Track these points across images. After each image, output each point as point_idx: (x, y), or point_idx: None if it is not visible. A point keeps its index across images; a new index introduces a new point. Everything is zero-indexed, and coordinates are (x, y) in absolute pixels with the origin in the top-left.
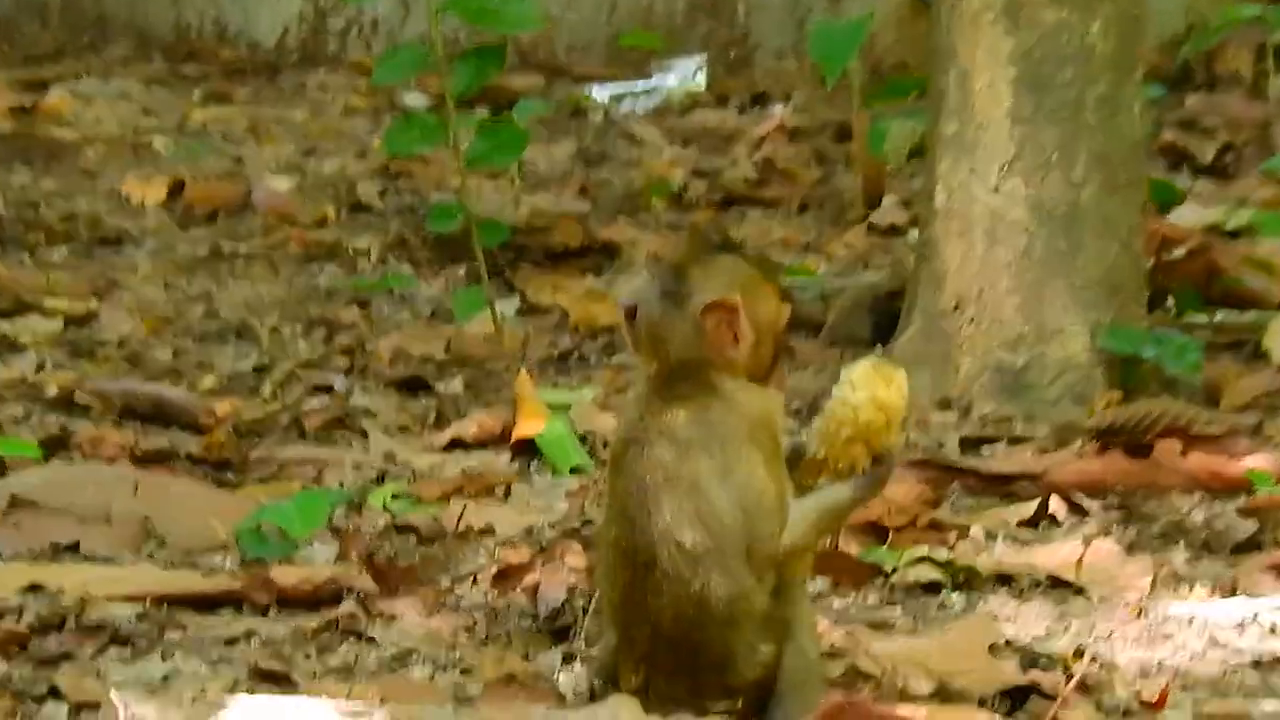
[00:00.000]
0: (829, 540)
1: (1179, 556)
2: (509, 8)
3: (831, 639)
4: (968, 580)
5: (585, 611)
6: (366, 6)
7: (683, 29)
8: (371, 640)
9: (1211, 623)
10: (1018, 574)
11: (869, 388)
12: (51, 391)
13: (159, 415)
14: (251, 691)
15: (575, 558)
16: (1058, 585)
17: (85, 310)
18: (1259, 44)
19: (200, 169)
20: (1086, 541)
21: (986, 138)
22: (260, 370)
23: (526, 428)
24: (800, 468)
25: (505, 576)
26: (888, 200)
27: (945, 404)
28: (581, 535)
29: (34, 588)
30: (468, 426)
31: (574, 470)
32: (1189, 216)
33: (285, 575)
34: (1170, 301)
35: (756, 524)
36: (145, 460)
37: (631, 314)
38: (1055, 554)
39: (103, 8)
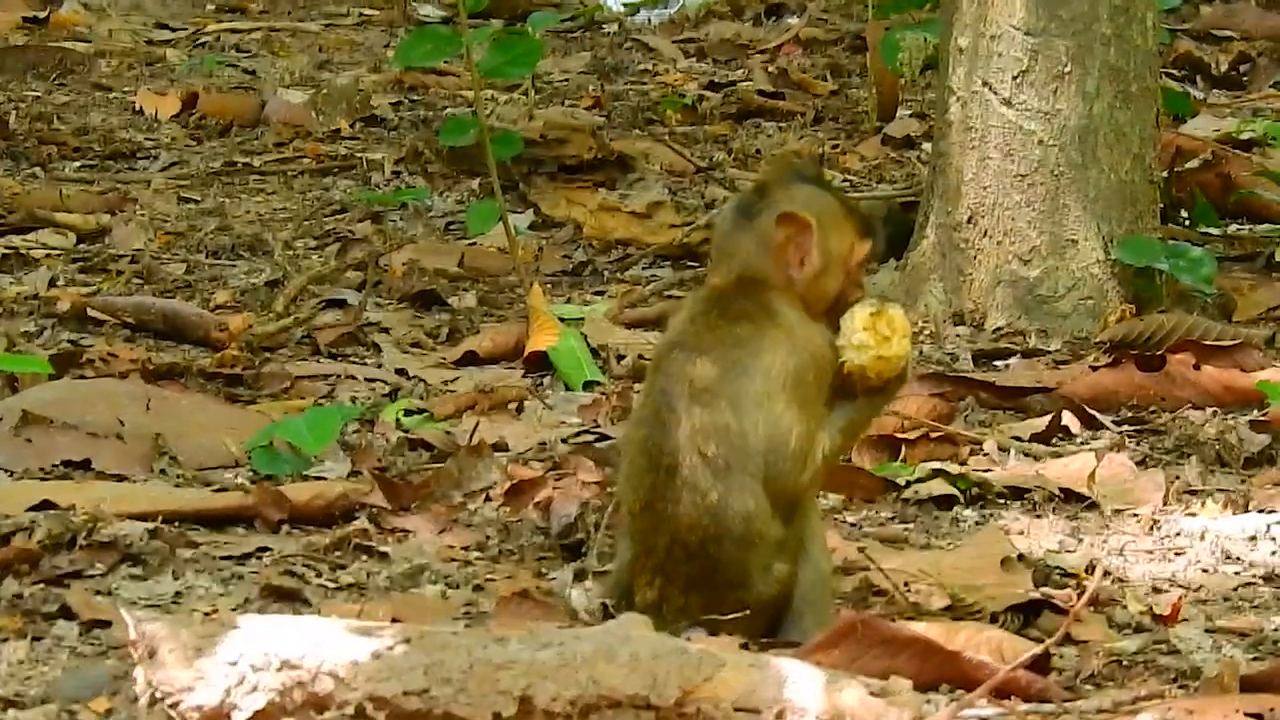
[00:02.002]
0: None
1: (1192, 471)
2: None
3: (844, 554)
4: (981, 494)
5: (598, 527)
6: None
7: None
8: (384, 557)
9: (1224, 537)
10: (1031, 488)
11: (870, 349)
12: (63, 307)
13: (171, 331)
14: (263, 609)
15: (588, 473)
16: (1071, 499)
17: (98, 225)
18: None
19: (214, 82)
20: (1099, 455)
21: (999, 50)
22: (273, 285)
23: (540, 342)
24: None
25: (518, 492)
26: (901, 112)
27: (959, 317)
28: (595, 450)
29: (45, 505)
30: (481, 341)
31: (587, 385)
32: (1203, 128)
33: (297, 492)
34: (1184, 214)
35: (779, 460)
36: (157, 376)
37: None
38: (1068, 468)
39: None
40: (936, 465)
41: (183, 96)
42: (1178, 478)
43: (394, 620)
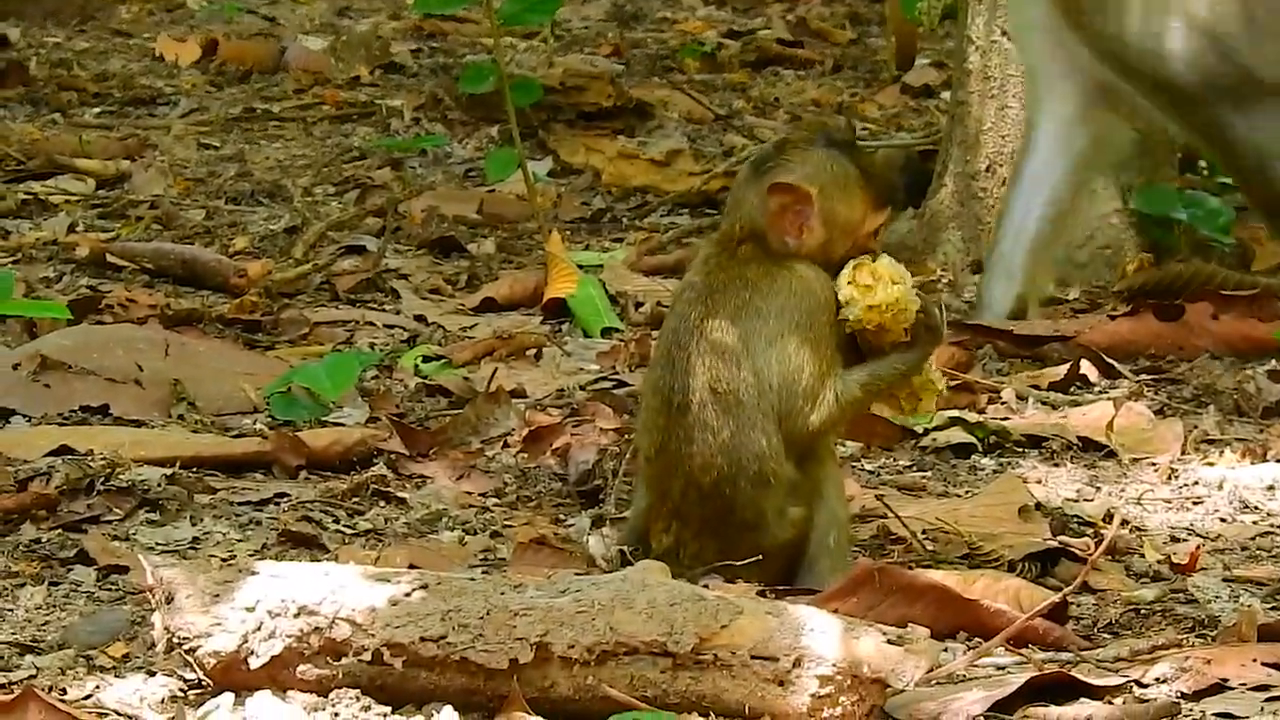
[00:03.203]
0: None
1: (1210, 420)
2: None
3: (862, 502)
4: (998, 443)
5: (615, 474)
6: None
7: None
8: (401, 503)
9: (1242, 486)
10: (1049, 436)
11: (858, 301)
12: (82, 253)
13: (190, 277)
14: (280, 556)
15: (606, 420)
16: (1089, 448)
17: (117, 171)
18: None
19: (233, 29)
20: (1117, 404)
21: None
22: (292, 231)
23: (558, 289)
24: None
25: (536, 439)
26: (920, 61)
27: (977, 266)
28: (613, 397)
29: (62, 450)
30: (499, 288)
31: (605, 332)
32: None
33: (315, 438)
34: (1201, 164)
35: (790, 398)
36: (176, 322)
37: None
38: (1086, 416)
39: None
40: (954, 413)
41: (202, 43)
42: (1196, 427)
43: (411, 566)
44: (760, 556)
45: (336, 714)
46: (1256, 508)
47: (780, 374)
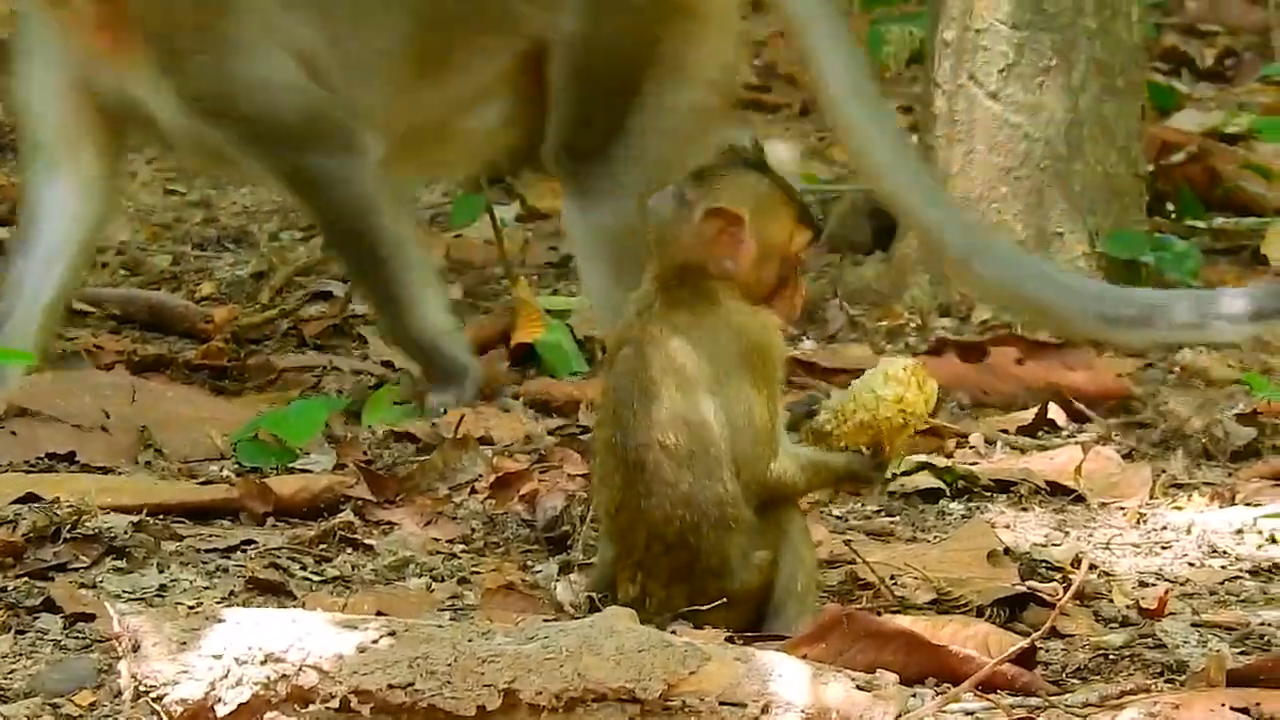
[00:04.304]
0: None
1: (1178, 464)
2: None
3: (830, 548)
4: (966, 487)
5: (583, 520)
6: None
7: None
8: (369, 549)
9: (1210, 531)
10: (1016, 481)
11: (899, 388)
12: None
13: (157, 322)
14: (248, 603)
15: (574, 466)
16: (1056, 492)
17: None
18: None
19: None
20: (1085, 448)
21: (984, 44)
22: (259, 277)
23: (526, 334)
24: (806, 431)
25: (503, 485)
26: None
27: (944, 309)
28: (580, 443)
29: (29, 498)
30: (467, 333)
31: (573, 376)
32: (1188, 121)
33: (283, 484)
34: (1170, 207)
35: (742, 441)
36: (143, 368)
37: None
38: (1054, 461)
39: None
40: (923, 458)
41: None
42: (1164, 471)
43: (379, 613)
44: (726, 601)
45: None
46: (1225, 552)
47: (729, 417)
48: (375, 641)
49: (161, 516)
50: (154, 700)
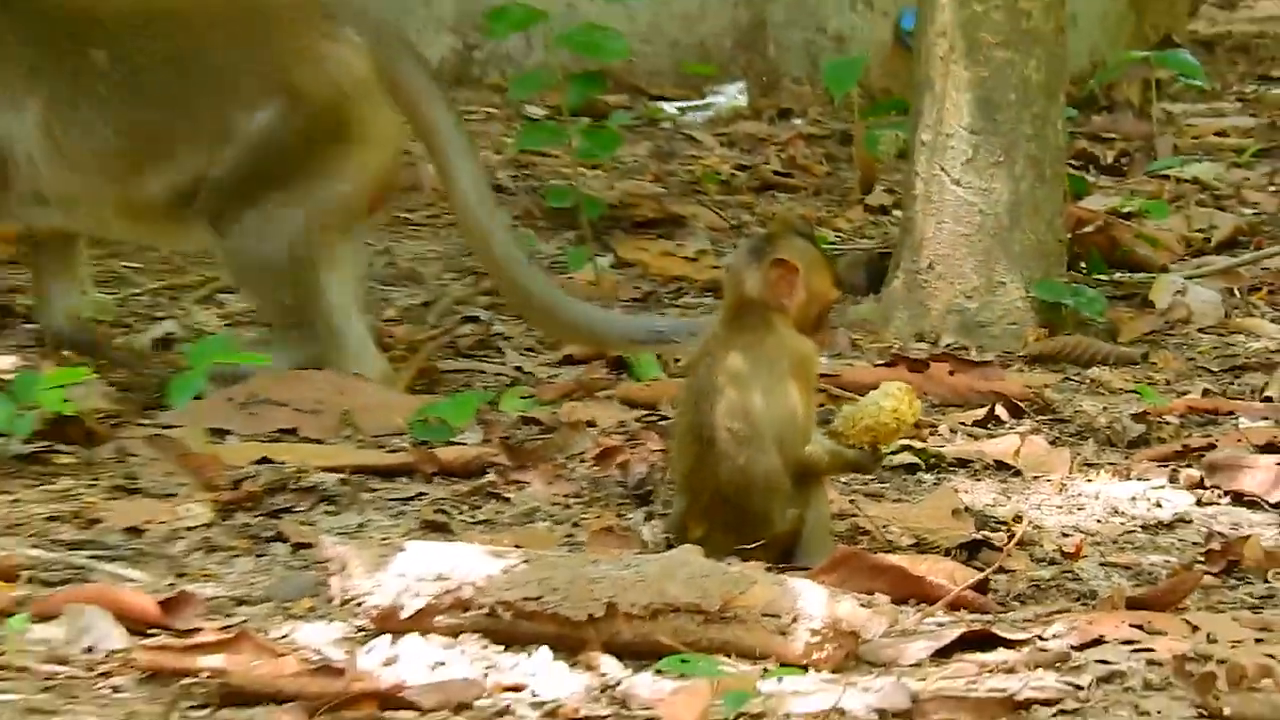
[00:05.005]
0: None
1: (1089, 449)
2: (605, 43)
3: (840, 505)
4: (936, 463)
5: (661, 482)
6: (501, 41)
7: (729, 62)
8: (507, 500)
9: (1113, 497)
10: (972, 459)
11: (895, 403)
12: None
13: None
14: (421, 538)
15: (654, 443)
16: (1001, 468)
17: None
18: (1144, 79)
19: None
20: (1022, 437)
21: (951, 144)
22: (426, 304)
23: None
24: (827, 431)
25: (604, 456)
26: (879, 188)
27: (920, 336)
28: (658, 426)
29: (264, 460)
30: (577, 347)
31: (652, 379)
32: (1096, 203)
33: (445, 453)
34: (1083, 264)
35: (785, 430)
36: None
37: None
38: (999, 445)
39: None
40: (905, 442)
41: None
42: (1079, 454)
43: (516, 546)
44: (765, 543)
45: (463, 651)
46: (1123, 513)
47: (777, 412)
48: (514, 566)
49: (359, 475)
50: (355, 606)
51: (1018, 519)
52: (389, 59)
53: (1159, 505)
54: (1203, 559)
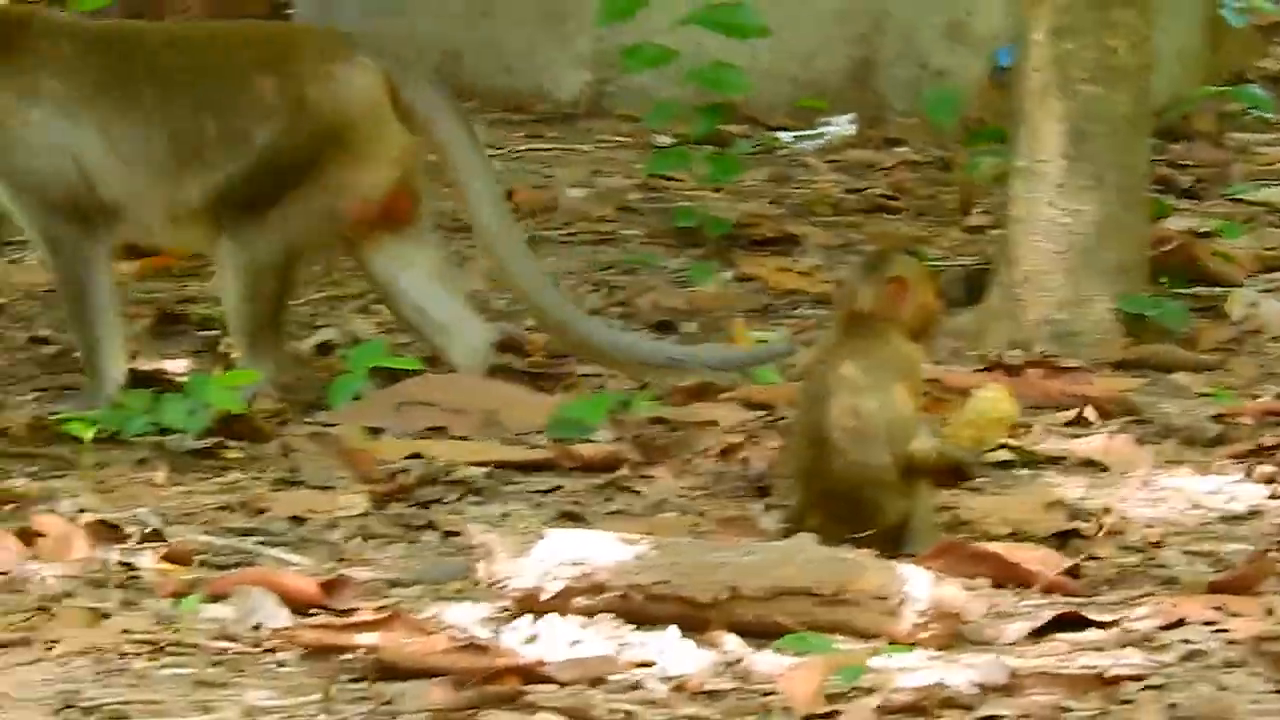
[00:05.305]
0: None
1: (1170, 448)
2: (730, 79)
3: (944, 499)
4: (1031, 460)
5: (780, 476)
6: (634, 74)
7: (841, 96)
8: (638, 493)
9: (1192, 491)
10: (1064, 457)
11: (995, 409)
12: None
13: (500, 344)
14: (560, 527)
15: (773, 441)
16: (1090, 465)
17: None
18: (1219, 111)
19: (524, 182)
20: (1110, 436)
21: (1046, 170)
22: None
23: None
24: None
25: (727, 452)
26: (976, 211)
27: (1014, 345)
28: (776, 426)
29: (416, 455)
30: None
31: (771, 384)
32: (1175, 224)
33: (582, 450)
34: (1164, 280)
35: (894, 430)
36: (491, 373)
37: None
38: (1089, 444)
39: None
40: (1002, 441)
41: (505, 193)
42: (1161, 452)
43: (646, 535)
44: (876, 532)
45: (598, 631)
46: (1202, 506)
47: (887, 414)
48: (644, 553)
49: (502, 469)
50: (500, 589)
51: (1106, 511)
52: (405, 83)
53: (1235, 499)
54: (1276, 547)
